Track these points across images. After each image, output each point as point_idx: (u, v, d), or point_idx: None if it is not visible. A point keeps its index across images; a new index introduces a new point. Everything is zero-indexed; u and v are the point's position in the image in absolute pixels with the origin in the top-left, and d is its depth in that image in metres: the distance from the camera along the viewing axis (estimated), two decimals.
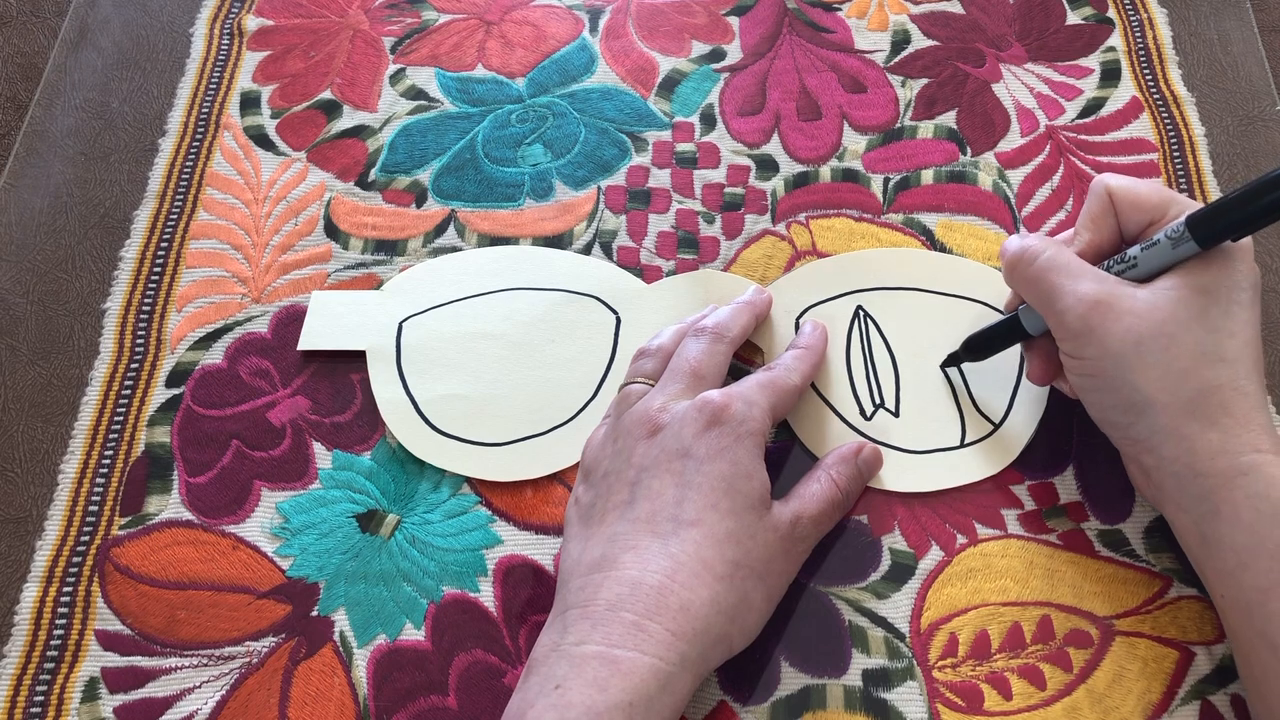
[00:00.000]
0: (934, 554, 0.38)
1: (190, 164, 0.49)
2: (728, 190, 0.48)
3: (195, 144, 0.49)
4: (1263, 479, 0.32)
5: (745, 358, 0.43)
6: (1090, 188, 0.37)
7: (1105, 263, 0.36)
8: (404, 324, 0.44)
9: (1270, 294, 0.44)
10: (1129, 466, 0.37)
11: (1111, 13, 0.53)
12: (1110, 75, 0.51)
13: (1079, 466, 0.40)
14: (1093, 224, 0.37)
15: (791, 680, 0.36)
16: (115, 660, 0.37)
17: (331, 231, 0.47)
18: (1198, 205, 0.35)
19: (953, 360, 0.42)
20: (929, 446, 0.40)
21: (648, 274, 0.45)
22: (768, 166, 0.48)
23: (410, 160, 0.49)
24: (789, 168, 0.48)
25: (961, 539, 0.39)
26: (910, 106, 0.50)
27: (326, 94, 0.51)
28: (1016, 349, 0.41)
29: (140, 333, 0.44)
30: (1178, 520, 0.35)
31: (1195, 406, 0.33)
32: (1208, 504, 0.33)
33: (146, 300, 0.45)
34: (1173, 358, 0.33)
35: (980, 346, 0.40)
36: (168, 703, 0.36)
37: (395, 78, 0.52)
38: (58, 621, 0.38)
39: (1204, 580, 0.35)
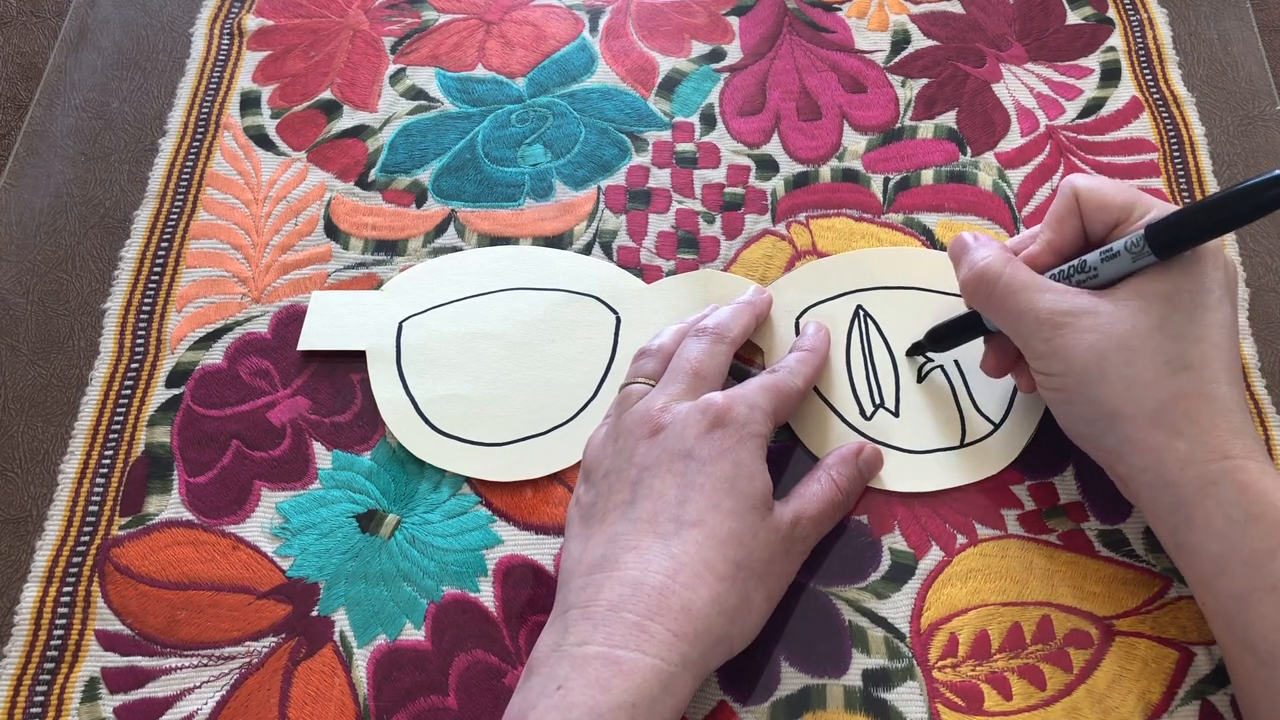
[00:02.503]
0: (934, 554, 0.38)
1: (190, 164, 0.49)
2: (728, 190, 0.48)
3: (195, 144, 0.49)
4: (1233, 486, 0.32)
5: (746, 358, 0.43)
6: (1059, 187, 0.37)
7: (1066, 269, 0.36)
8: (404, 324, 0.44)
9: (1270, 294, 0.44)
10: (1110, 475, 0.37)
11: (1111, 12, 0.53)
12: (1110, 75, 0.51)
13: (1079, 466, 0.40)
14: (1056, 224, 0.37)
15: (791, 680, 0.36)
16: (115, 660, 0.37)
17: (331, 231, 0.47)
18: (1165, 206, 0.35)
19: (916, 349, 0.42)
20: (929, 446, 0.40)
21: (648, 274, 0.45)
22: (768, 166, 0.48)
23: (410, 160, 0.49)
24: (789, 168, 0.48)
25: (961, 539, 0.39)
26: (910, 106, 0.50)
27: (326, 94, 0.51)
28: None
29: (140, 333, 0.44)
30: (1157, 529, 0.35)
31: (1160, 417, 0.33)
32: (1180, 514, 0.33)
33: (146, 300, 0.45)
34: (1136, 370, 0.33)
35: (943, 337, 0.41)
36: (168, 703, 0.36)
37: (395, 78, 0.52)
38: (58, 621, 0.38)
39: (1188, 585, 0.35)
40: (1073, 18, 0.53)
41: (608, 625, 0.31)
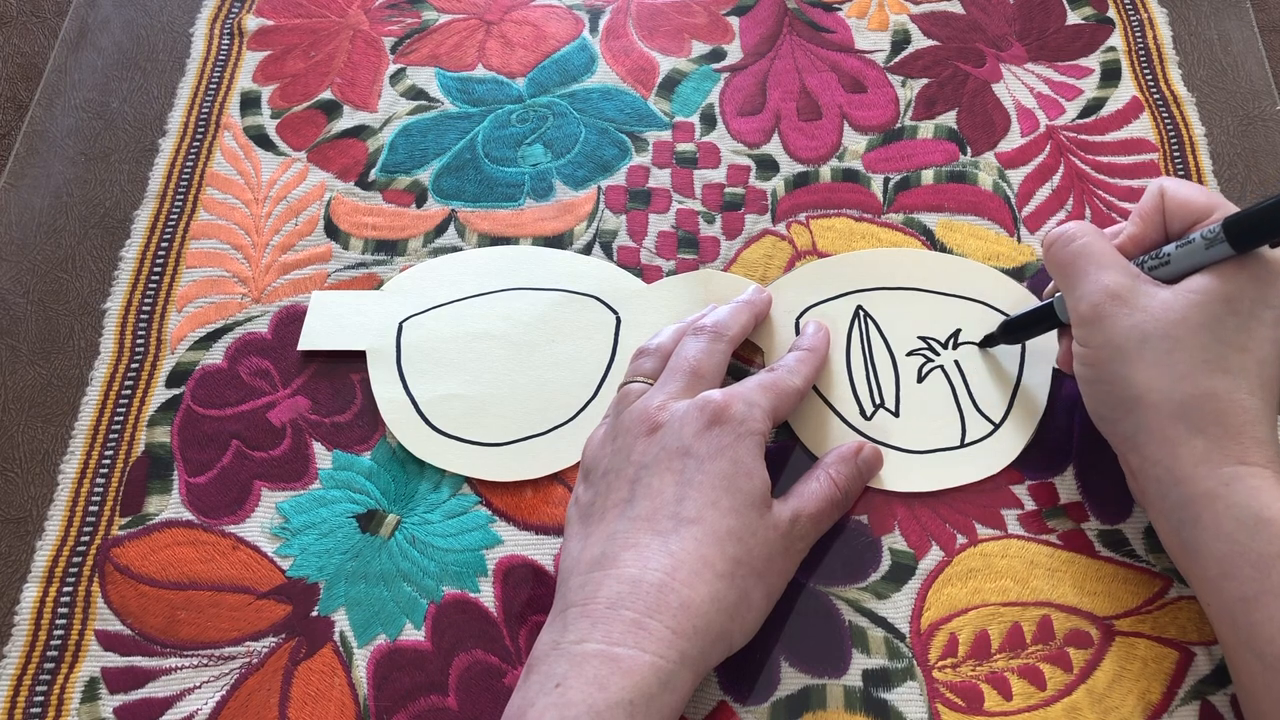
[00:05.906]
0: (934, 554, 0.38)
1: (190, 164, 0.49)
2: (728, 190, 0.48)
3: (195, 144, 0.49)
4: (1245, 490, 0.32)
5: (745, 358, 0.43)
6: (1149, 185, 0.37)
7: (1141, 257, 0.36)
8: (404, 324, 0.44)
9: None
10: (1122, 466, 0.37)
11: (1111, 13, 0.53)
12: (1110, 75, 0.51)
13: (1079, 466, 0.40)
14: (1140, 218, 0.37)
15: (791, 680, 0.36)
16: (115, 660, 0.37)
17: (331, 231, 0.47)
18: None
19: (990, 341, 0.42)
20: (929, 446, 0.40)
21: (648, 274, 0.45)
22: (768, 166, 0.48)
23: (410, 160, 0.49)
24: (789, 168, 0.48)
25: (961, 539, 0.39)
26: (910, 106, 0.50)
27: (326, 94, 0.51)
28: (1016, 352, 0.42)
29: (140, 333, 0.44)
30: (1160, 526, 0.35)
31: (1185, 410, 0.33)
32: (1188, 511, 0.33)
33: (147, 300, 0.45)
34: (1174, 360, 0.33)
35: (1016, 329, 0.41)
36: (168, 703, 0.36)
37: (395, 78, 0.52)
38: (58, 621, 0.38)
39: (1190, 586, 0.35)
40: (1073, 18, 0.53)
41: (606, 623, 0.31)
